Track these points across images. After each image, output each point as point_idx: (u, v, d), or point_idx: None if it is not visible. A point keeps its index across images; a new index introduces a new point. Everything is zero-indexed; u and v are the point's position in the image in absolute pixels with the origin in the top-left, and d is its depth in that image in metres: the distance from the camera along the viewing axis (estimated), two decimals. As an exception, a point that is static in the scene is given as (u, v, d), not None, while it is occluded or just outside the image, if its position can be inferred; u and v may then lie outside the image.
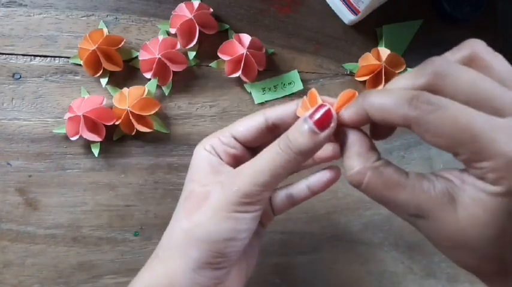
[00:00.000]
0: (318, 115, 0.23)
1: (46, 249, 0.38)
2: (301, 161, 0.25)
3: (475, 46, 0.21)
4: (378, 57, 0.41)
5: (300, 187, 0.29)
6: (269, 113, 0.27)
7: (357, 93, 0.24)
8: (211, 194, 0.26)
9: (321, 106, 0.23)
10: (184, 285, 0.26)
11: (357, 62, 0.42)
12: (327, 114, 0.23)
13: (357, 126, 0.23)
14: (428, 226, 0.20)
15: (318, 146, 0.24)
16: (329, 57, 0.43)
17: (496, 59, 0.21)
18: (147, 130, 0.38)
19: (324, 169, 0.28)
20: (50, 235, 0.38)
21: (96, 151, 0.39)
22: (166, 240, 0.27)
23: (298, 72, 0.42)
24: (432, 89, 0.20)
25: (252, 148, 0.29)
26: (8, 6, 0.40)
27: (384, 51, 0.40)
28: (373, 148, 0.23)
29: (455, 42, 0.22)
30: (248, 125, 0.28)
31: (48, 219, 0.39)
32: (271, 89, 0.42)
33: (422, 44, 0.43)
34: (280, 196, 0.29)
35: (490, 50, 0.21)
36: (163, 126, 0.40)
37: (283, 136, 0.25)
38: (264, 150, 0.26)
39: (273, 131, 0.28)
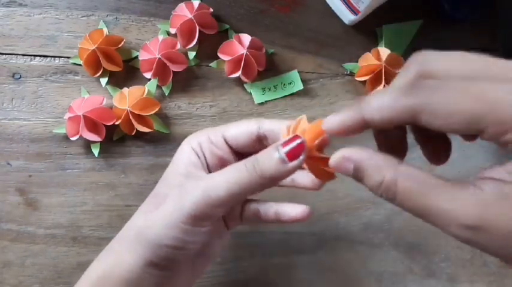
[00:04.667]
0: (290, 145, 0.23)
1: (46, 249, 0.38)
2: (262, 185, 0.24)
3: (422, 60, 0.19)
4: (378, 57, 0.41)
5: (269, 209, 0.28)
6: (264, 124, 0.27)
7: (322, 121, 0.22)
8: (168, 199, 0.26)
9: (295, 137, 0.23)
10: (133, 278, 0.26)
11: (357, 62, 0.42)
12: (300, 147, 0.23)
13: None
14: (487, 237, 0.17)
15: (283, 175, 0.23)
16: (329, 57, 0.43)
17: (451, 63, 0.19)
18: (147, 130, 0.38)
19: (297, 205, 0.28)
20: (50, 235, 0.38)
21: (96, 151, 0.39)
22: (123, 234, 0.28)
23: (298, 72, 0.42)
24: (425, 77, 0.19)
25: (239, 153, 0.29)
26: (8, 6, 0.40)
27: (384, 51, 0.40)
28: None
29: (455, 42, 0.22)
30: (241, 129, 0.28)
31: (48, 219, 0.39)
32: (271, 89, 0.42)
33: (422, 44, 0.43)
34: (250, 208, 0.29)
35: (439, 57, 0.19)
36: (163, 126, 0.40)
37: (251, 157, 0.24)
38: (228, 167, 0.25)
39: (262, 141, 0.28)
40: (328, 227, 0.41)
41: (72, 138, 0.38)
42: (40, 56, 0.40)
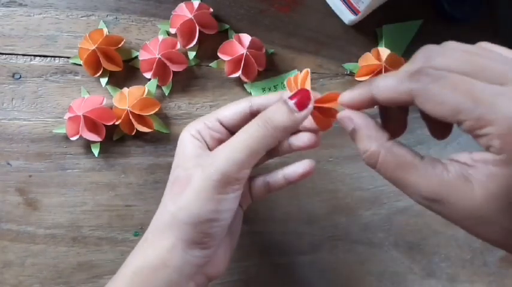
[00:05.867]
0: (298, 97, 0.26)
1: (46, 249, 0.38)
2: (276, 138, 0.26)
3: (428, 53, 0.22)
4: (378, 57, 0.41)
5: (277, 176, 0.31)
6: (254, 100, 0.29)
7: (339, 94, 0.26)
8: (193, 177, 0.27)
9: (301, 90, 0.26)
10: (176, 264, 0.27)
11: (356, 62, 0.42)
12: (307, 97, 0.26)
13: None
14: (445, 209, 0.21)
15: (295, 125, 0.26)
16: (329, 57, 0.43)
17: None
18: (147, 130, 0.38)
19: (300, 161, 0.30)
20: (50, 235, 0.39)
21: (96, 151, 0.39)
22: (155, 224, 0.29)
23: (299, 71, 0.42)
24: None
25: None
26: (8, 6, 0.40)
27: (384, 51, 0.40)
28: (382, 129, 0.23)
29: (455, 42, 0.23)
30: (234, 109, 0.29)
31: (48, 219, 0.39)
32: (271, 89, 0.42)
33: (422, 44, 0.42)
34: (258, 182, 0.31)
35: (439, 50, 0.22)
36: (163, 126, 0.40)
37: (261, 114, 0.27)
38: (241, 130, 0.27)
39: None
40: (328, 227, 0.41)
41: (72, 138, 0.38)
42: (40, 56, 0.40)
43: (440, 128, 0.25)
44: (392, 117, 0.25)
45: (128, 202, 0.39)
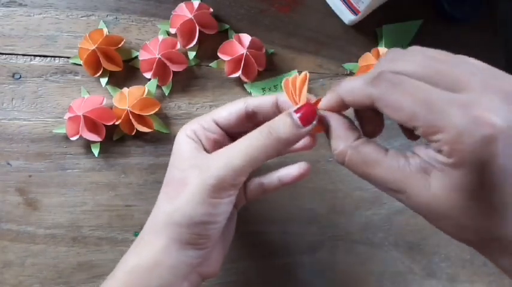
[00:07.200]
0: (303, 111, 0.26)
1: (46, 249, 0.38)
2: (278, 149, 0.26)
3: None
4: (378, 57, 0.41)
5: (272, 177, 0.31)
6: (250, 101, 0.29)
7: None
8: (188, 179, 0.27)
9: (307, 104, 0.26)
10: (170, 264, 0.27)
11: (356, 62, 0.42)
12: (312, 112, 0.26)
13: (335, 111, 0.25)
14: (407, 200, 0.22)
15: (297, 139, 0.26)
16: (329, 57, 0.43)
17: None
18: (147, 130, 0.38)
19: (295, 164, 0.30)
20: (50, 235, 0.38)
21: (96, 151, 0.39)
22: (150, 225, 0.29)
23: (298, 72, 0.42)
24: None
25: (232, 135, 0.30)
26: (8, 6, 0.40)
27: (384, 51, 0.40)
28: (352, 129, 0.24)
29: (455, 42, 0.23)
30: (229, 110, 0.29)
31: (48, 219, 0.39)
32: (271, 89, 0.42)
33: (422, 44, 0.43)
34: (253, 184, 0.31)
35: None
36: (163, 126, 0.40)
37: (265, 124, 0.27)
38: (243, 137, 0.27)
39: (251, 119, 0.29)
40: (328, 227, 0.41)
41: (72, 139, 0.38)
42: (40, 56, 0.40)
43: (407, 129, 0.26)
44: (366, 118, 0.26)
45: (128, 202, 0.39)
